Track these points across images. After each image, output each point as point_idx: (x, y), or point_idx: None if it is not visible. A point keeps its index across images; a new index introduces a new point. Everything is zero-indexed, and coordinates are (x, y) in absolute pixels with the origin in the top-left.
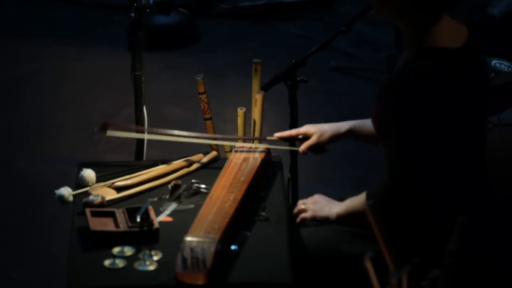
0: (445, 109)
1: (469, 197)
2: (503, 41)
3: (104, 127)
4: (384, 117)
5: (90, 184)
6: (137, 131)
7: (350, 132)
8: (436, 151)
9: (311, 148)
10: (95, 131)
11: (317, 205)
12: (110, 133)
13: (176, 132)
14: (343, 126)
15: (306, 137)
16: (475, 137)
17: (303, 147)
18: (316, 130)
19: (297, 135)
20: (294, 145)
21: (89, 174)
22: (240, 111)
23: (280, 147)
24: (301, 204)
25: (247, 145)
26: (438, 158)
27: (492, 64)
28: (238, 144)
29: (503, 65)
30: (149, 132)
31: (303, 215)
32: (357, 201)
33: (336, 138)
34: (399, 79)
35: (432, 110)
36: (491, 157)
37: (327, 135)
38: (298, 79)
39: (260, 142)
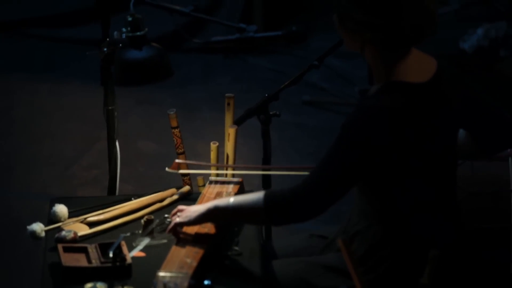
0: (409, 142)
1: (439, 230)
2: (474, 75)
3: (176, 167)
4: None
5: (62, 219)
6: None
7: None
8: (401, 185)
9: None
10: (167, 170)
11: (187, 210)
12: (183, 171)
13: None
14: None
15: None
16: (445, 171)
17: None
18: None
19: None
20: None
21: (61, 209)
22: (213, 146)
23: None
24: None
25: (221, 178)
26: (404, 192)
27: None
28: (212, 177)
29: None
30: (220, 168)
31: (176, 220)
32: (250, 198)
33: None
34: (361, 111)
35: (393, 144)
36: (462, 191)
37: None
38: (271, 113)
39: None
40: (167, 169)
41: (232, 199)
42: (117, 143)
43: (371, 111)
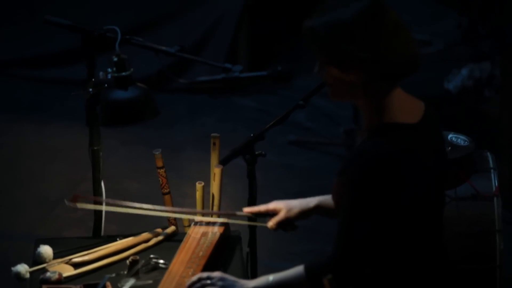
0: (404, 184)
1: (425, 270)
2: (459, 115)
3: (74, 199)
4: (344, 192)
5: (47, 260)
6: (107, 204)
7: (318, 207)
8: (392, 226)
9: (280, 224)
10: (67, 203)
11: (225, 282)
12: (81, 205)
13: (157, 207)
14: (311, 201)
15: (275, 213)
16: (433, 211)
17: (271, 223)
18: (284, 206)
19: (266, 211)
20: (255, 221)
21: (46, 250)
22: (199, 186)
23: (242, 222)
24: (206, 279)
25: (207, 219)
26: (393, 233)
27: (449, 138)
28: (198, 218)
29: (459, 139)
30: (112, 205)
31: None
32: (291, 274)
33: (305, 213)
34: (359, 157)
35: (391, 186)
36: (448, 231)
37: (295, 210)
38: (256, 153)
39: (219, 216)
40: (66, 202)
41: (271, 278)
42: (102, 184)
43: (369, 155)
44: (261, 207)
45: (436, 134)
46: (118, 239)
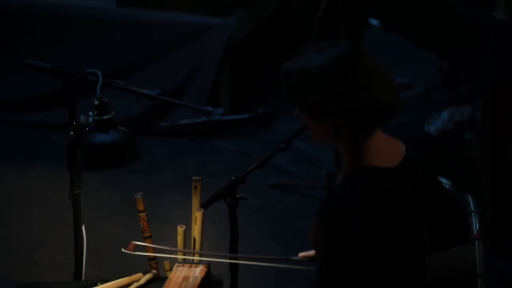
0: (380, 229)
1: None
2: (440, 158)
3: (132, 248)
4: (321, 236)
5: None
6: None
7: None
8: (370, 270)
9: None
10: (123, 251)
11: None
12: (138, 252)
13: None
14: None
15: None
16: (414, 255)
17: (303, 254)
18: None
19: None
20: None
21: None
22: (180, 229)
23: (222, 260)
24: None
25: (188, 263)
26: (372, 278)
27: None
28: (179, 261)
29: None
30: (170, 250)
31: None
32: None
33: None
34: (335, 200)
35: (368, 232)
36: (429, 275)
37: None
38: (238, 196)
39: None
40: (123, 250)
41: None
42: (83, 228)
43: (344, 199)
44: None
45: (418, 176)
46: (99, 283)
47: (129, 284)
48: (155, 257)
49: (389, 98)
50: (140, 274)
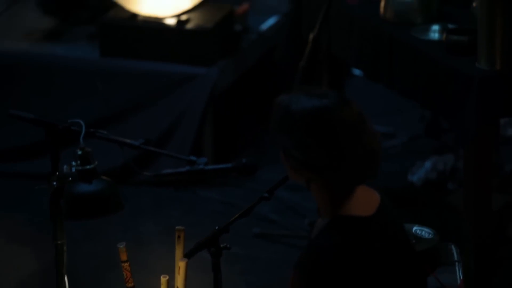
0: (357, 279)
1: None
2: (423, 208)
3: None
4: (300, 287)
5: None
6: None
7: None
8: None
9: None
10: None
11: None
12: None
13: None
14: None
15: None
16: None
17: None
18: None
19: None
20: None
21: None
22: (163, 279)
23: None
24: None
25: None
26: None
27: (413, 231)
28: None
29: (423, 232)
30: None
31: None
32: None
33: None
34: (313, 252)
35: (344, 281)
36: None
37: None
38: (221, 246)
39: None
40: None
41: None
42: (65, 279)
43: (321, 250)
44: None
45: (392, 225)
46: None
47: None
48: None
49: (371, 156)
50: None
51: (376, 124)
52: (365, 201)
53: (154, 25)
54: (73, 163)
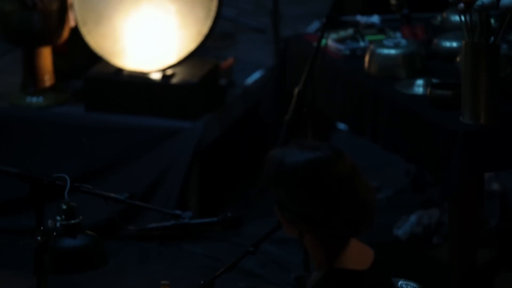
0: None
1: None
2: (408, 262)
3: None
4: None
5: None
6: None
7: None
8: None
9: None
10: None
11: None
12: None
13: None
14: None
15: None
16: None
17: None
18: None
19: None
20: None
21: None
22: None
23: None
24: None
25: None
26: None
27: (399, 285)
28: None
29: (409, 286)
30: None
31: None
32: None
33: None
34: None
35: None
36: None
37: None
38: None
39: None
40: None
41: None
42: None
43: None
44: None
45: (385, 282)
46: None
47: None
48: None
49: (361, 208)
50: None
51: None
52: (359, 255)
53: (140, 79)
54: (58, 217)
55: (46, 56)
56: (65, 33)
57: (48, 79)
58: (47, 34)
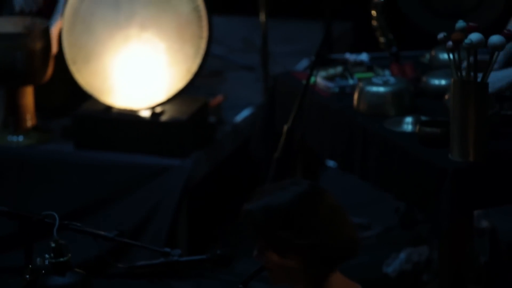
0: None
1: None
2: None
3: None
4: None
5: None
6: None
7: None
8: None
9: None
10: None
11: None
12: None
13: None
14: None
15: None
16: None
17: None
18: None
19: None
20: None
21: None
22: None
23: None
24: None
25: None
26: None
27: None
28: None
29: None
30: None
31: None
32: None
33: None
34: None
35: None
36: None
37: None
38: None
39: None
40: None
41: None
42: None
43: None
44: None
45: None
46: None
47: None
48: None
49: (351, 235)
50: None
51: (350, 216)
52: None
53: (129, 117)
54: (47, 255)
55: (28, 96)
56: (49, 73)
57: (29, 118)
58: (31, 73)
